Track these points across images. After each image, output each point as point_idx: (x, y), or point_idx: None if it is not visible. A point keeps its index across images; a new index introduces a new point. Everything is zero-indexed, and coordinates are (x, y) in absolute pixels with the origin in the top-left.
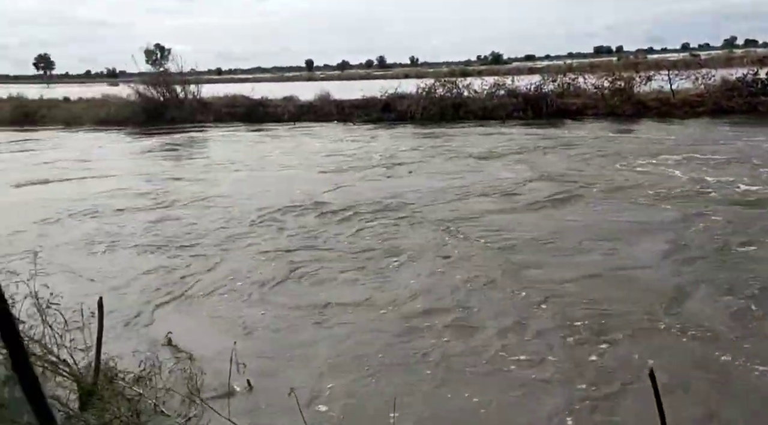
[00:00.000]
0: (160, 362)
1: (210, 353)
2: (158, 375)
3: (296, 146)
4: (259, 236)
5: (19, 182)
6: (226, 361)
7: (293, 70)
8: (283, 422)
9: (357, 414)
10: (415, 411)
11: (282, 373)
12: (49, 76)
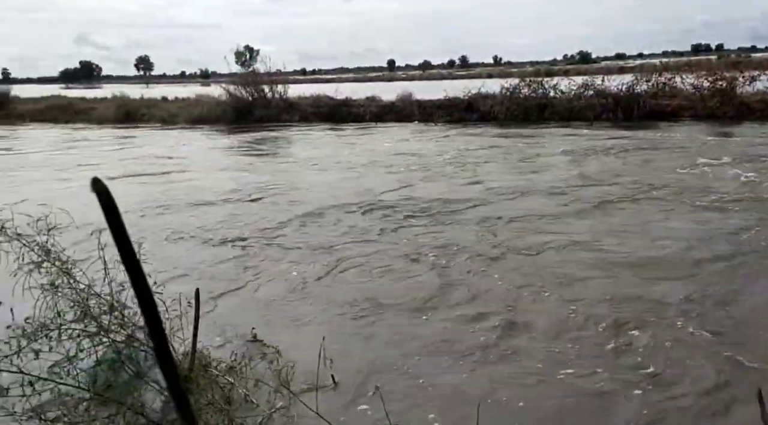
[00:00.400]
0: (249, 354)
1: (294, 347)
2: (247, 367)
3: (374, 145)
4: (317, 231)
5: (110, 175)
6: (307, 353)
7: (375, 70)
8: (368, 421)
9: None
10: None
11: (365, 370)
12: (148, 77)
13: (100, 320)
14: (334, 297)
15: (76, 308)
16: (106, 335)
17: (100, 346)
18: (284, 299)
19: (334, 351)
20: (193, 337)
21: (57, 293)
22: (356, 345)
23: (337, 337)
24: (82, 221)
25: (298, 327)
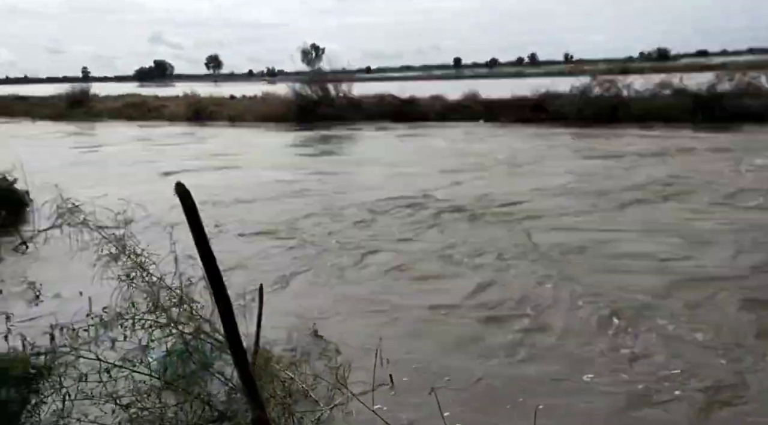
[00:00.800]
0: (308, 350)
1: (351, 344)
2: (307, 363)
3: (434, 144)
4: (363, 227)
5: (167, 170)
6: (364, 351)
7: (441, 68)
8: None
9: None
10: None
11: (422, 370)
12: (217, 76)
13: (170, 312)
14: (388, 295)
15: (149, 300)
16: (176, 326)
17: (170, 337)
18: (338, 296)
19: (390, 351)
20: (256, 332)
21: (132, 285)
22: (413, 345)
23: (394, 336)
24: (155, 216)
25: (354, 324)
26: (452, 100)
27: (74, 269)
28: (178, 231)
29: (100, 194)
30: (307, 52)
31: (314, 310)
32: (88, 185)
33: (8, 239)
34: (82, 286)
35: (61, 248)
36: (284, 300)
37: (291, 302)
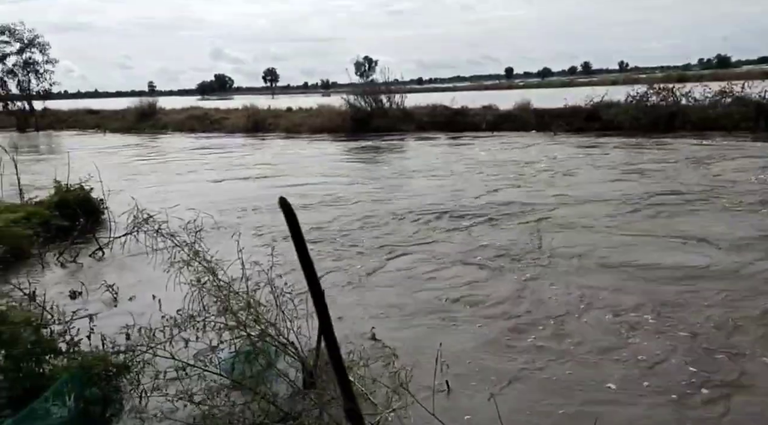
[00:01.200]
0: (367, 353)
1: (408, 347)
2: (366, 367)
3: (482, 153)
4: (405, 232)
5: (216, 179)
6: (420, 355)
7: (492, 78)
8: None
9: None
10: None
11: (479, 376)
12: (273, 88)
13: (238, 315)
14: (443, 299)
15: (219, 303)
16: (244, 329)
17: (237, 339)
18: (393, 300)
19: (447, 354)
20: (318, 335)
21: (203, 289)
22: (469, 350)
23: (449, 340)
24: (222, 223)
25: (409, 327)
26: (504, 110)
27: (147, 273)
28: (225, 238)
29: (160, 200)
30: (360, 65)
31: (366, 312)
32: (151, 194)
33: (83, 244)
34: (155, 289)
35: (135, 254)
36: (345, 304)
37: (345, 305)
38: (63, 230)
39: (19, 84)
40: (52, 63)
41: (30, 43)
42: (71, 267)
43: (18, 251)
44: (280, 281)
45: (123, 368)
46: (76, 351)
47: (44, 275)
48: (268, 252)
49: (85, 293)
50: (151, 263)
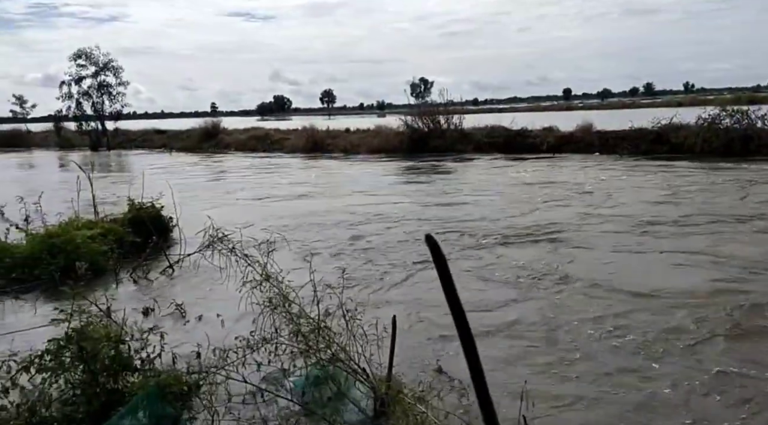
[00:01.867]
0: (436, 385)
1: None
2: (437, 398)
3: (533, 175)
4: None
5: (280, 196)
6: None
7: (550, 99)
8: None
9: None
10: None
11: (557, 412)
12: (330, 109)
13: (309, 339)
14: (512, 328)
15: (291, 326)
16: (315, 353)
17: (308, 363)
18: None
19: (515, 386)
20: (389, 363)
21: (274, 310)
22: (543, 382)
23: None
24: (290, 241)
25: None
26: (565, 131)
27: (217, 291)
28: (279, 253)
29: (227, 218)
30: (415, 86)
31: (438, 344)
32: (219, 212)
33: (155, 261)
34: (224, 308)
35: (204, 271)
36: (407, 331)
37: (411, 332)
38: (136, 246)
39: (94, 105)
40: (124, 85)
41: (104, 67)
42: (143, 283)
43: (95, 266)
44: (350, 304)
45: (196, 388)
46: (151, 369)
47: (118, 291)
48: (336, 271)
49: (156, 310)
50: (219, 280)
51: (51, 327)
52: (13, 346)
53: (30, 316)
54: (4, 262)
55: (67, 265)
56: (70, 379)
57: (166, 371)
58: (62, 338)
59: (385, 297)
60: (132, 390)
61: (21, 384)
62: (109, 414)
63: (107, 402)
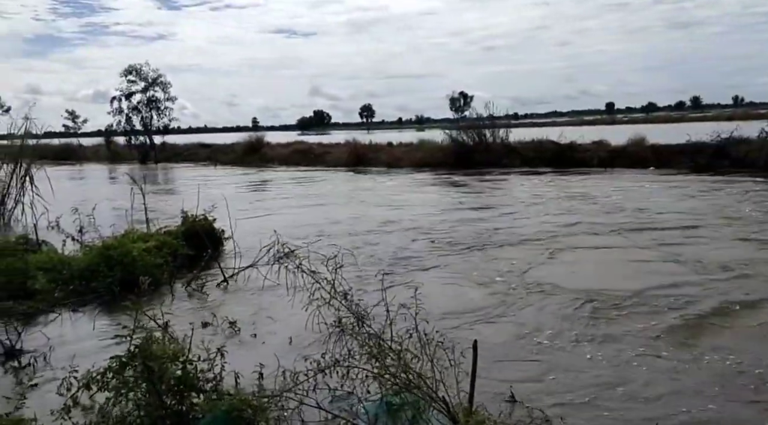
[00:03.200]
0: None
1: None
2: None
3: (581, 191)
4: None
5: (330, 212)
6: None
7: (592, 113)
8: None
9: None
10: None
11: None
12: (369, 124)
13: (383, 362)
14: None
15: (364, 348)
16: (392, 378)
17: (382, 389)
18: (522, 351)
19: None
20: (470, 391)
21: (343, 331)
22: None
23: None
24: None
25: (558, 389)
26: (616, 145)
27: (274, 306)
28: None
29: (282, 230)
30: (455, 100)
31: (508, 368)
32: (266, 223)
33: (209, 274)
34: (284, 326)
35: (260, 286)
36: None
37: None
38: (189, 259)
39: (142, 120)
40: (172, 100)
41: (153, 82)
42: (198, 297)
43: (151, 280)
44: (425, 326)
45: (263, 411)
46: (215, 390)
47: (174, 305)
48: (407, 290)
49: (212, 326)
50: (277, 295)
51: (111, 342)
52: (74, 362)
53: (88, 330)
54: (62, 274)
55: (124, 277)
56: (134, 399)
57: (232, 393)
58: (125, 355)
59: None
60: (200, 413)
61: (82, 403)
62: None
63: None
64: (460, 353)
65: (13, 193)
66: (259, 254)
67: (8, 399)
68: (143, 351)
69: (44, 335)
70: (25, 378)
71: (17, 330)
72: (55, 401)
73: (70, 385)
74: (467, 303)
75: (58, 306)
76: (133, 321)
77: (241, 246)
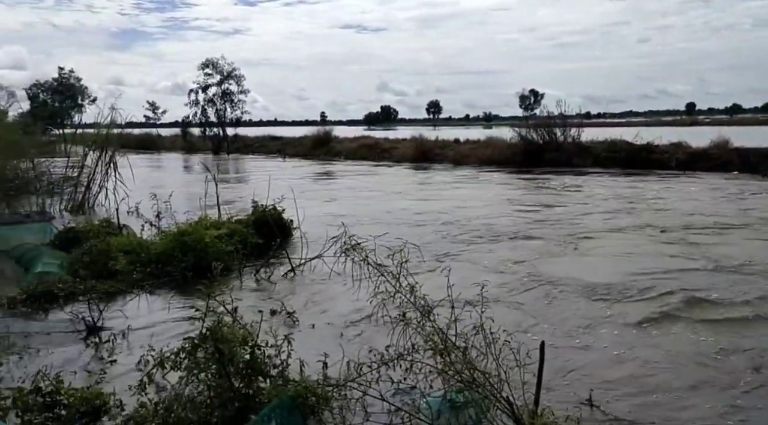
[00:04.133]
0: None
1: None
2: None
3: (638, 194)
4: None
5: (402, 205)
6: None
7: (671, 113)
8: None
9: None
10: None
11: None
12: (435, 120)
13: (446, 358)
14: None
15: (428, 343)
16: (456, 375)
17: (446, 385)
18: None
19: None
20: (536, 393)
21: (408, 325)
22: None
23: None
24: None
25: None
26: (697, 147)
27: (341, 299)
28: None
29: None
30: (525, 98)
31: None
32: (329, 211)
33: (277, 263)
34: (347, 316)
35: (326, 276)
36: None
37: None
38: (258, 247)
39: (217, 112)
40: (245, 93)
41: (228, 76)
42: (266, 285)
43: (221, 266)
44: (490, 324)
45: (327, 400)
46: (282, 376)
47: (242, 292)
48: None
49: (278, 314)
50: (341, 285)
51: (183, 323)
52: (149, 341)
53: (163, 311)
54: (141, 257)
55: (196, 263)
56: (205, 380)
57: (297, 380)
58: (197, 337)
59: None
60: (266, 398)
61: (156, 381)
62: (243, 420)
63: (241, 408)
64: (526, 353)
65: (98, 179)
66: (326, 246)
67: (89, 373)
68: (214, 334)
69: (123, 313)
70: (105, 353)
71: (99, 308)
72: (131, 377)
73: (146, 363)
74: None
75: (136, 287)
76: (205, 305)
77: (308, 236)
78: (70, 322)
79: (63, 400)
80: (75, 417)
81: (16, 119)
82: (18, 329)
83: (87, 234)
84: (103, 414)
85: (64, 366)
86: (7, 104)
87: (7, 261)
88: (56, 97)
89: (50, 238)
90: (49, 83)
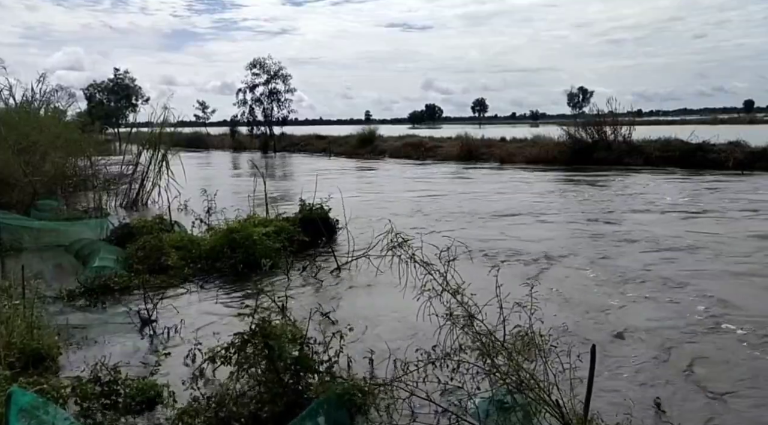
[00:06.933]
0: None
1: None
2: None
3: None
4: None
5: (452, 205)
6: None
7: (728, 111)
8: None
9: None
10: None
11: None
12: (481, 118)
13: (495, 360)
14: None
15: (476, 343)
16: (504, 377)
17: (493, 387)
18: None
19: None
20: (586, 397)
21: (455, 325)
22: None
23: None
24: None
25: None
26: (756, 147)
27: (387, 297)
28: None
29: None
30: (573, 96)
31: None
32: (376, 209)
33: (323, 260)
34: (393, 315)
35: (369, 274)
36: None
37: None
38: (304, 245)
39: (264, 111)
40: (292, 92)
41: (275, 75)
42: (312, 282)
43: (270, 263)
44: (538, 326)
45: (374, 398)
46: (329, 372)
47: (290, 289)
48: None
49: (325, 311)
50: (388, 284)
51: (232, 318)
52: (199, 334)
53: (213, 305)
54: (192, 253)
55: (245, 259)
56: (254, 375)
57: (344, 377)
58: (247, 333)
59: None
60: (314, 393)
61: (206, 376)
62: (292, 415)
63: (290, 403)
64: (576, 356)
65: (151, 176)
66: (372, 244)
67: (144, 365)
68: (263, 330)
69: (174, 307)
70: (159, 346)
71: (152, 302)
72: (182, 370)
73: (194, 357)
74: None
75: (187, 282)
76: (254, 301)
77: (353, 234)
78: (126, 315)
79: (120, 390)
80: (131, 406)
81: (74, 119)
82: (77, 320)
83: (141, 230)
84: (156, 405)
85: (120, 357)
86: (67, 104)
87: (66, 255)
88: (112, 97)
89: (106, 233)
90: (105, 84)
